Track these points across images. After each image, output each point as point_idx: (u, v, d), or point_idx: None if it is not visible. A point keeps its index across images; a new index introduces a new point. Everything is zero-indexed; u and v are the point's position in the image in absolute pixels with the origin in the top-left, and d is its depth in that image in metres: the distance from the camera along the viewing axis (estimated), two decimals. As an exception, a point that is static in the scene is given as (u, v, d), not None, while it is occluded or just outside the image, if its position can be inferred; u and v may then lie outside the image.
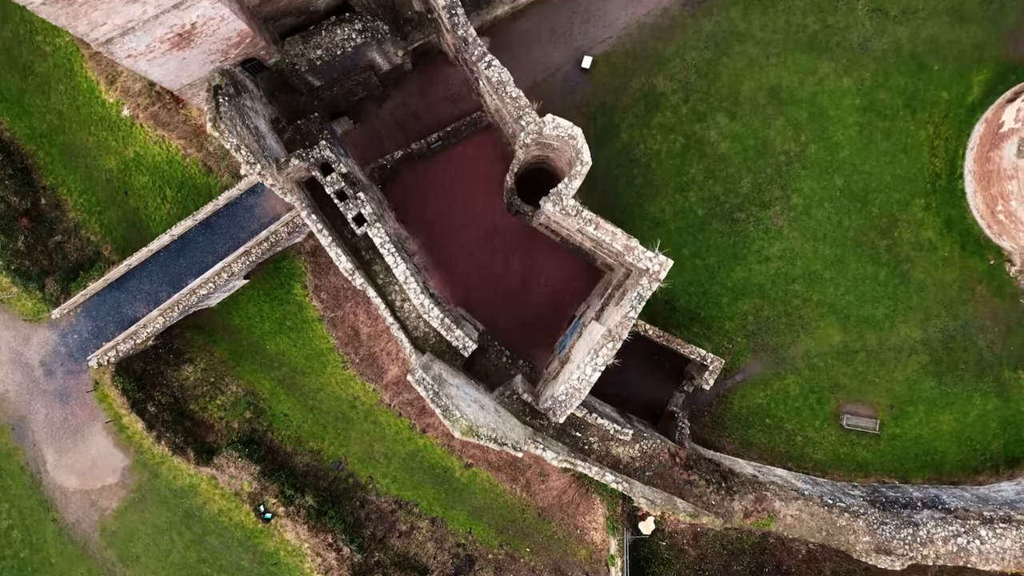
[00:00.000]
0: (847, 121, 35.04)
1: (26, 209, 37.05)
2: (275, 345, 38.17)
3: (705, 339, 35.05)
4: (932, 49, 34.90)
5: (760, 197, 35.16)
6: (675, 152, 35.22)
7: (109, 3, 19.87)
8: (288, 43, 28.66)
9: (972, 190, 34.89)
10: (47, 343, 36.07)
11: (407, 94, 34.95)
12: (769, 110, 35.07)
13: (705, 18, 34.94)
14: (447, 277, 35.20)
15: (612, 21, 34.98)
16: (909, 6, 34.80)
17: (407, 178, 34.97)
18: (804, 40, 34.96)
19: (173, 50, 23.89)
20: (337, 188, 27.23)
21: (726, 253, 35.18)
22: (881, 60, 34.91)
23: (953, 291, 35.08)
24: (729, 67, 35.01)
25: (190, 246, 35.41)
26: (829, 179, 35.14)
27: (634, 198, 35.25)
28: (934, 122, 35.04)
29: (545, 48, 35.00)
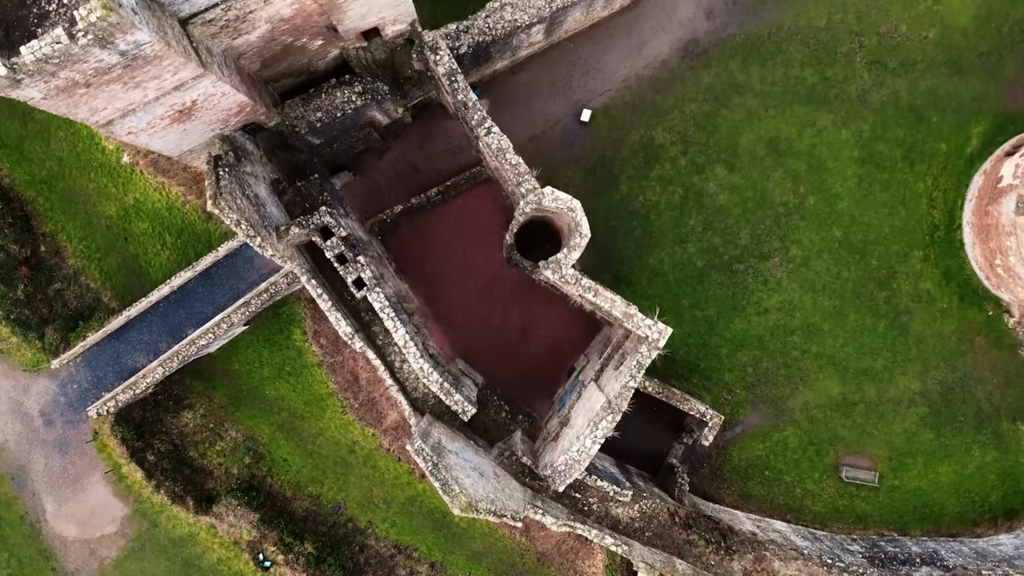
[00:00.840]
0: (846, 173, 35.12)
1: (26, 257, 37.06)
2: (274, 390, 38.20)
3: (704, 390, 35.11)
4: (931, 101, 35.00)
5: (759, 248, 35.22)
6: (674, 204, 35.29)
7: (109, 91, 19.93)
8: (288, 106, 28.72)
9: (971, 242, 34.97)
10: (46, 393, 36.06)
11: (407, 146, 35.01)
12: (768, 162, 35.15)
13: (704, 71, 35.03)
14: (447, 328, 35.22)
15: (611, 74, 35.06)
16: (908, 58, 34.90)
17: (407, 230, 35.01)
18: (803, 92, 35.05)
19: (174, 124, 23.95)
20: (337, 252, 27.26)
21: (725, 304, 35.23)
22: (880, 112, 35.00)
23: (952, 343, 35.14)
24: (728, 119, 35.10)
25: (190, 297, 35.43)
26: (828, 231, 35.22)
27: (633, 249, 35.29)
28: (932, 174, 35.13)
29: (544, 101, 35.08)
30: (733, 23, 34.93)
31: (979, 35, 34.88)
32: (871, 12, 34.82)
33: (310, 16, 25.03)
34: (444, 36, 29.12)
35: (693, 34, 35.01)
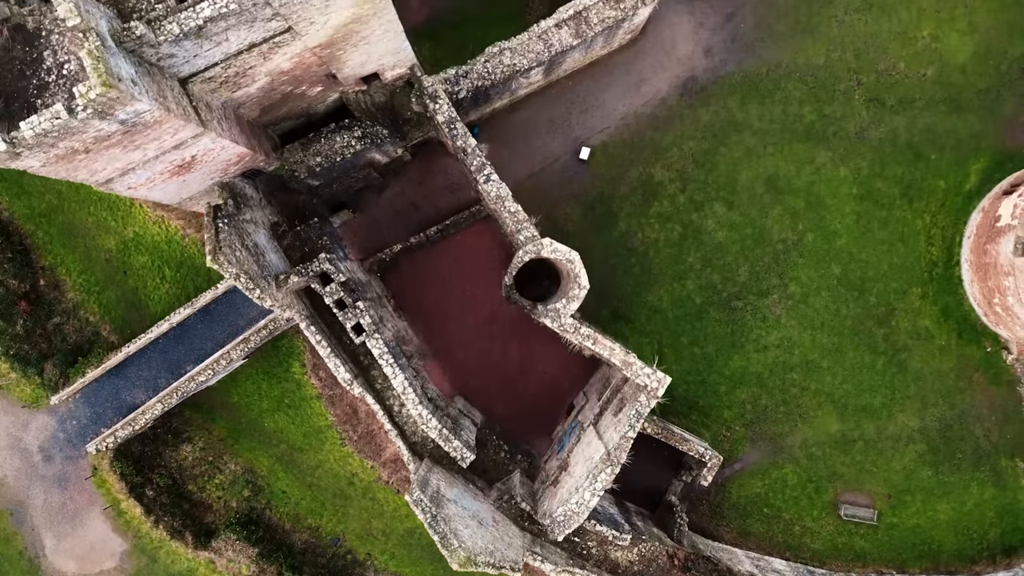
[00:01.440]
0: (844, 210, 35.18)
1: (25, 292, 37.06)
2: (273, 422, 38.21)
3: (703, 427, 35.14)
4: (929, 138, 35.07)
5: (758, 285, 35.27)
6: (673, 241, 35.33)
7: (109, 154, 19.97)
8: (287, 151, 28.77)
9: (969, 278, 35.02)
10: (46, 429, 36.07)
11: (406, 183, 35.06)
12: (766, 199, 35.20)
13: (703, 108, 35.09)
14: (446, 365, 35.25)
15: (610, 112, 35.12)
16: (906, 96, 34.98)
17: (406, 267, 35.06)
18: (801, 130, 35.12)
19: (173, 177, 23.99)
20: (336, 298, 27.30)
21: (724, 342, 35.26)
22: (878, 149, 35.08)
23: (950, 380, 35.18)
24: (727, 157, 35.16)
25: (189, 333, 35.45)
26: (826, 268, 35.26)
27: (632, 286, 35.33)
28: (931, 211, 35.19)
29: (543, 138, 35.14)
30: (732, 61, 35.00)
31: (977, 72, 34.95)
32: (869, 50, 34.90)
33: (310, 67, 25.08)
34: (443, 81, 29.18)
35: (692, 72, 35.08)
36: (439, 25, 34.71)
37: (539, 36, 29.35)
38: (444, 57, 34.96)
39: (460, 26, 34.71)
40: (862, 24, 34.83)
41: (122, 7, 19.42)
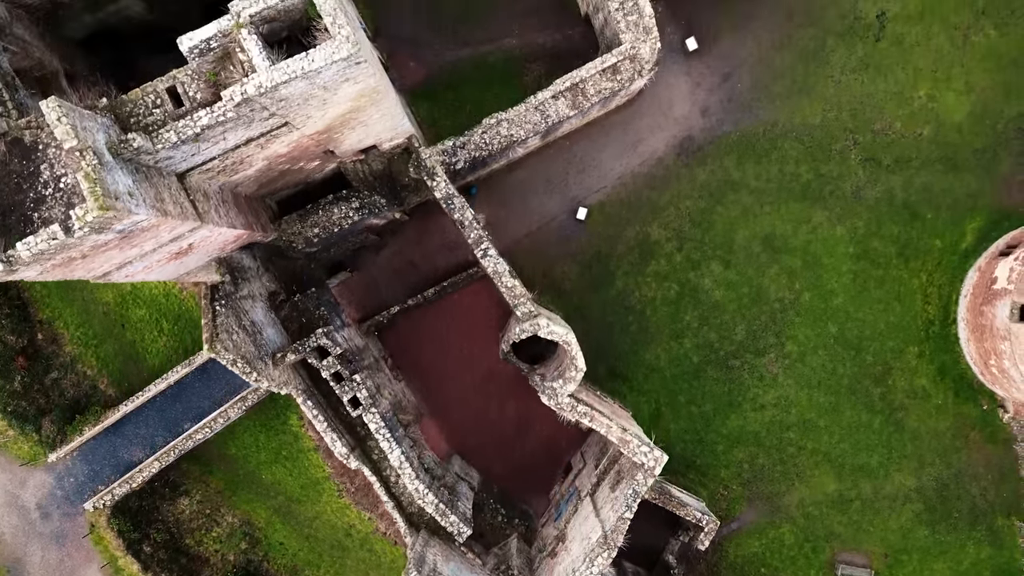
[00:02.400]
0: (841, 269, 35.26)
1: (23, 347, 37.10)
2: (271, 474, 38.21)
3: (700, 486, 35.19)
4: (925, 198, 35.15)
5: (755, 344, 35.33)
6: (670, 299, 35.40)
7: (105, 256, 20.02)
8: (285, 222, 28.85)
9: (965, 337, 35.09)
10: (43, 486, 36.07)
11: (404, 242, 35.15)
12: (763, 258, 35.28)
13: (699, 167, 35.18)
14: (443, 423, 35.33)
15: (607, 171, 35.21)
16: (902, 155, 35.07)
17: (404, 325, 35.13)
18: (798, 189, 35.20)
19: (171, 262, 24.05)
20: (333, 371, 27.36)
21: (721, 400, 35.32)
22: (874, 209, 35.16)
23: (947, 439, 35.24)
24: (723, 216, 35.24)
25: (186, 391, 35.48)
26: (823, 327, 35.33)
27: (629, 345, 35.39)
28: (927, 270, 35.26)
29: (540, 197, 35.23)
30: (728, 121, 35.09)
31: (974, 132, 35.04)
32: (865, 109, 35.00)
33: (307, 149, 25.18)
34: (440, 153, 29.29)
35: (688, 132, 35.18)
36: (436, 85, 34.82)
37: (536, 107, 29.46)
38: (442, 117, 35.13)
39: (458, 87, 34.82)
40: (858, 84, 34.93)
41: (119, 112, 19.49)
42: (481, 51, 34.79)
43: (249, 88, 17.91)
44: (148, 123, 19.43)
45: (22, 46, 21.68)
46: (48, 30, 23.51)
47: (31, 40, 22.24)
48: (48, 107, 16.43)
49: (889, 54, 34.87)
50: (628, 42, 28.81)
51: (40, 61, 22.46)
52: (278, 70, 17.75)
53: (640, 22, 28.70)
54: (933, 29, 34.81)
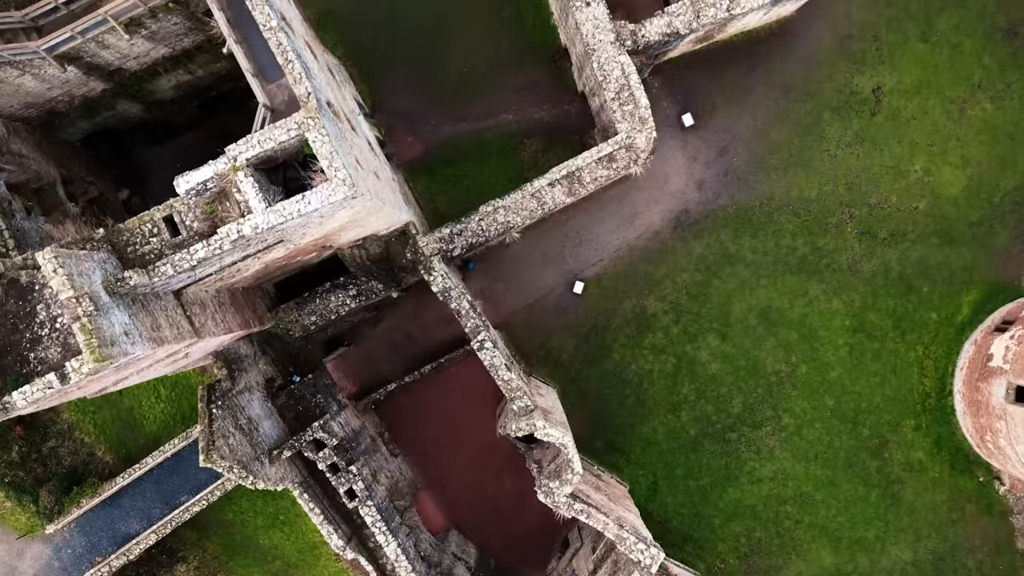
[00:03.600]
0: (837, 342, 35.32)
1: (20, 416, 37.13)
2: (268, 539, 38.21)
3: (698, 559, 35.18)
4: (921, 271, 35.24)
5: (752, 417, 35.38)
6: (667, 372, 35.45)
7: (101, 382, 20.09)
8: (282, 310, 28.93)
9: (962, 410, 35.14)
10: (41, 557, 36.05)
11: (401, 316, 35.21)
12: (760, 331, 35.34)
13: (696, 241, 35.26)
14: (440, 497, 35.34)
15: (603, 244, 35.29)
16: (898, 229, 35.17)
17: (401, 399, 35.16)
18: (794, 262, 35.28)
19: (167, 367, 24.11)
20: (330, 463, 27.39)
21: (718, 474, 35.35)
22: (870, 282, 35.24)
23: (943, 512, 35.27)
24: (720, 289, 35.31)
25: (183, 464, 35.43)
26: (820, 400, 35.39)
27: (626, 418, 35.43)
28: (923, 343, 35.32)
29: (538, 271, 35.29)
30: (724, 194, 35.19)
31: (970, 205, 35.16)
32: (861, 183, 35.11)
33: (305, 249, 25.25)
34: (438, 240, 29.35)
35: (685, 205, 35.27)
36: (434, 160, 34.93)
37: (532, 195, 29.54)
38: (439, 192, 35.26)
39: (455, 162, 34.93)
40: (854, 158, 35.05)
41: (116, 241, 19.56)
42: (478, 126, 34.91)
43: (245, 229, 17.99)
44: (145, 252, 19.50)
45: (19, 162, 21.76)
46: (45, 137, 23.59)
47: (28, 153, 22.31)
48: (44, 259, 16.50)
49: (885, 128, 35.00)
50: (624, 132, 28.91)
51: (37, 173, 22.55)
52: (274, 212, 17.83)
53: (636, 112, 28.80)
54: (929, 103, 34.95)
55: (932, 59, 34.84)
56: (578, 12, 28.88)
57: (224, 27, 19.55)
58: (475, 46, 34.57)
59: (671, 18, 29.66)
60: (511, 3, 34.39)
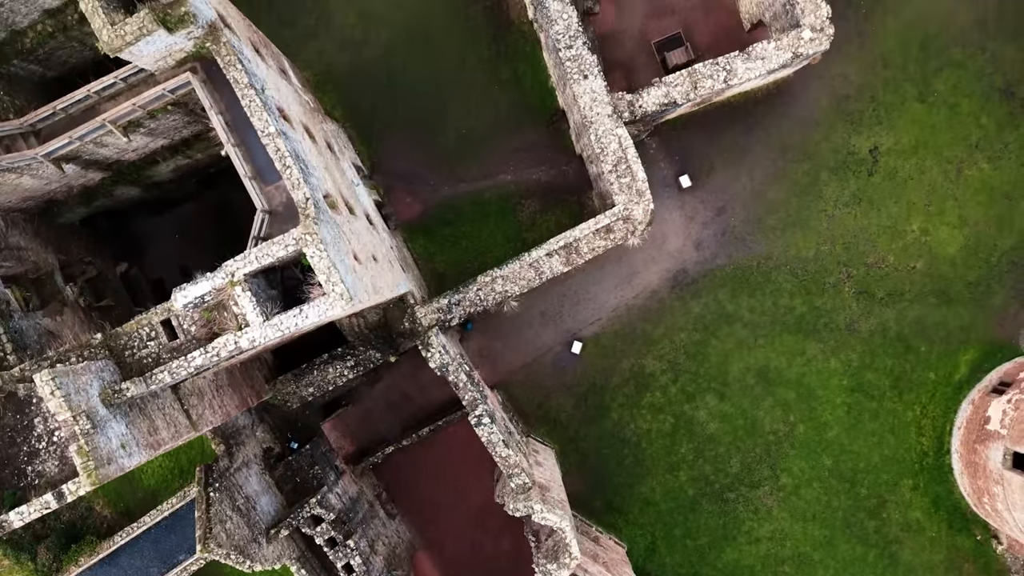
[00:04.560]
0: (835, 402, 35.36)
1: (19, 472, 37.08)
2: (266, 594, 38.10)
3: (696, 619, 35.20)
4: (919, 331, 35.28)
5: (750, 477, 35.40)
6: (665, 432, 35.49)
7: (100, 481, 20.07)
8: (280, 383, 28.93)
9: (959, 469, 35.14)
10: (38, 615, 35.96)
11: (399, 376, 35.25)
12: (758, 390, 35.39)
13: (694, 300, 35.32)
14: (437, 558, 35.34)
15: (602, 304, 35.36)
16: (895, 289, 35.22)
17: (399, 459, 35.17)
18: (792, 322, 35.33)
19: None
20: (327, 538, 27.39)
21: (716, 534, 35.36)
22: (868, 341, 35.28)
23: (941, 571, 35.28)
24: (718, 348, 35.36)
25: (181, 522, 35.14)
26: (818, 459, 35.41)
27: (624, 477, 35.45)
28: (921, 402, 35.35)
29: (536, 330, 35.35)
30: (722, 254, 35.27)
31: (967, 265, 35.21)
32: (859, 243, 35.17)
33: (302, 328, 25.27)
34: (436, 311, 29.39)
35: (683, 265, 35.34)
36: (433, 221, 35.02)
37: (530, 264, 29.59)
38: (438, 252, 35.33)
39: (454, 222, 35.02)
40: (851, 218, 35.13)
41: (114, 345, 19.59)
42: (477, 187, 35.01)
43: (243, 342, 18.03)
44: (143, 356, 19.53)
45: (18, 255, 21.81)
46: (43, 224, 23.64)
47: (26, 244, 22.38)
48: (42, 380, 16.53)
49: (882, 188, 35.09)
50: (621, 203, 28.98)
51: (35, 264, 22.59)
52: (272, 326, 17.88)
53: (634, 185, 28.86)
54: (926, 163, 35.04)
55: (929, 119, 34.93)
56: (576, 85, 28.97)
57: (221, 131, 19.60)
58: (473, 108, 34.68)
59: (668, 88, 29.74)
60: (509, 66, 34.52)
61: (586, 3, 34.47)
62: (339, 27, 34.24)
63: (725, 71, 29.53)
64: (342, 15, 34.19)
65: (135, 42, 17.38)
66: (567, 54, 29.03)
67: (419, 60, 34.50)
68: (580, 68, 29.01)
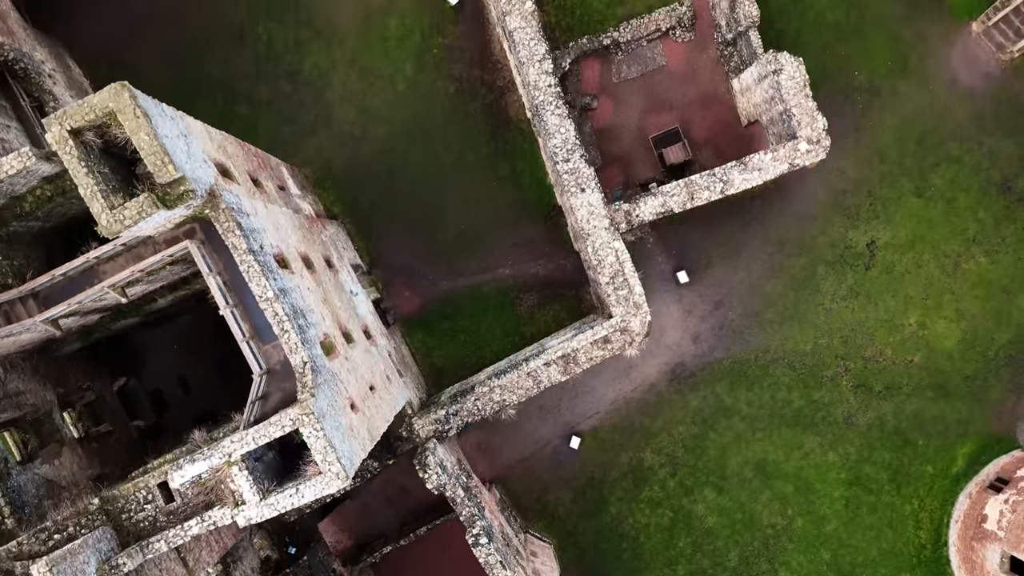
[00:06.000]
0: (833, 495, 35.38)
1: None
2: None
3: None
4: (917, 424, 35.33)
5: (748, 571, 35.39)
6: (663, 526, 35.50)
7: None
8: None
9: (957, 563, 35.12)
10: None
11: (396, 471, 35.09)
12: (756, 484, 35.41)
13: (692, 394, 35.39)
14: (437, 654, 35.24)
15: (600, 397, 35.42)
16: (893, 382, 35.28)
17: (397, 557, 35.07)
18: (790, 415, 35.39)
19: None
20: (325, 655, 27.43)
21: (714, 628, 35.35)
22: (866, 435, 35.33)
23: (940, 666, 35.24)
24: (716, 442, 35.41)
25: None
26: (816, 553, 35.40)
27: (623, 572, 35.47)
28: (919, 496, 35.38)
29: (534, 424, 35.40)
30: (720, 347, 35.34)
31: (965, 359, 35.28)
32: (856, 337, 35.24)
33: (299, 458, 25.32)
34: (434, 423, 29.47)
35: (681, 358, 35.42)
36: (431, 315, 35.10)
37: (528, 374, 29.67)
38: (436, 347, 35.39)
39: (452, 316, 35.09)
40: (849, 312, 35.21)
41: (111, 508, 19.65)
42: (475, 281, 35.10)
43: (240, 519, 18.08)
44: (140, 520, 19.58)
45: (16, 401, 21.89)
46: (42, 360, 23.72)
47: (25, 386, 22.45)
48: (39, 572, 16.57)
49: (880, 282, 35.18)
50: (619, 315, 29.06)
51: (34, 405, 22.66)
52: (268, 505, 17.93)
53: (631, 298, 28.95)
54: (923, 257, 35.13)
55: (927, 214, 35.05)
56: (573, 198, 29.09)
57: (219, 295, 19.69)
58: (472, 203, 34.81)
59: (665, 198, 29.88)
60: (507, 163, 34.66)
61: (584, 99, 34.67)
62: (338, 123, 34.39)
63: (722, 182, 29.67)
64: (341, 112, 34.34)
65: (133, 225, 17.50)
66: (564, 167, 29.16)
67: (418, 156, 34.63)
68: (577, 181, 29.14)
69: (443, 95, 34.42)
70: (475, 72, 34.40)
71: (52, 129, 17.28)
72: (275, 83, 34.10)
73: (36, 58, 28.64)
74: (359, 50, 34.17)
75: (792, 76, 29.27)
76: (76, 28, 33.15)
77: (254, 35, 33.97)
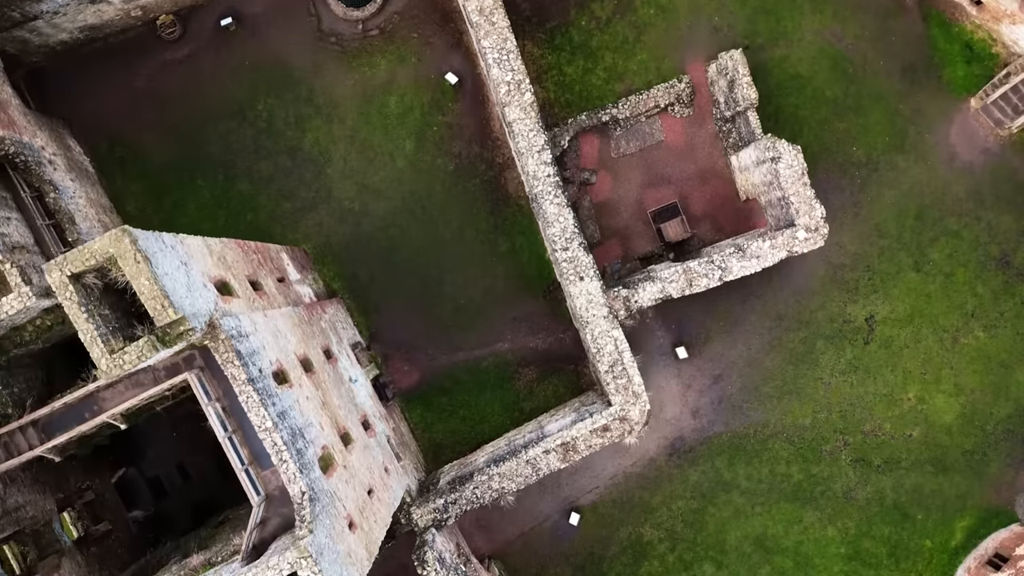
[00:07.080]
0: (832, 570, 35.38)
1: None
2: None
3: None
4: (915, 499, 35.35)
5: (747, 646, 35.38)
6: (662, 601, 35.49)
7: None
8: None
9: (957, 638, 35.17)
10: None
11: (395, 547, 35.13)
12: (755, 558, 35.40)
13: (691, 468, 35.40)
14: None
15: (599, 472, 35.41)
16: (892, 457, 35.31)
17: (395, 630, 35.13)
18: (789, 490, 35.40)
19: None
20: None
21: None
22: (865, 509, 35.35)
23: None
24: (715, 516, 35.41)
25: None
26: (815, 627, 35.40)
27: (622, 648, 35.43)
28: (917, 570, 35.38)
29: (533, 498, 35.36)
30: (719, 422, 35.37)
31: (963, 433, 35.33)
32: (855, 411, 35.29)
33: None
34: (432, 512, 29.46)
35: (680, 432, 35.44)
36: (430, 390, 35.09)
37: (527, 462, 29.66)
38: (435, 422, 35.39)
39: (451, 391, 35.10)
40: (848, 386, 35.25)
41: (110, 637, 19.61)
42: (474, 355, 35.11)
43: (237, 661, 18.06)
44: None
45: (16, 517, 21.89)
46: (40, 467, 23.73)
47: (25, 499, 22.46)
48: None
49: (878, 357, 35.23)
50: (618, 404, 29.10)
51: (33, 517, 22.67)
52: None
53: (630, 387, 28.99)
54: (922, 332, 35.20)
55: (925, 288, 35.13)
56: (572, 286, 29.15)
57: (217, 425, 19.71)
58: (471, 278, 34.85)
59: (664, 284, 29.94)
60: (507, 238, 34.72)
61: (583, 175, 34.77)
62: (338, 199, 34.45)
63: (720, 269, 29.75)
64: (341, 188, 34.40)
65: (132, 368, 17.53)
66: (563, 256, 29.23)
67: (418, 231, 34.69)
68: (576, 270, 29.20)
69: (443, 171, 34.51)
70: (475, 149, 34.50)
71: (52, 275, 17.33)
72: (275, 159, 34.16)
73: (36, 145, 28.69)
74: (359, 127, 34.26)
75: (790, 165, 29.37)
76: (75, 106, 33.17)
77: (254, 112, 34.02)
